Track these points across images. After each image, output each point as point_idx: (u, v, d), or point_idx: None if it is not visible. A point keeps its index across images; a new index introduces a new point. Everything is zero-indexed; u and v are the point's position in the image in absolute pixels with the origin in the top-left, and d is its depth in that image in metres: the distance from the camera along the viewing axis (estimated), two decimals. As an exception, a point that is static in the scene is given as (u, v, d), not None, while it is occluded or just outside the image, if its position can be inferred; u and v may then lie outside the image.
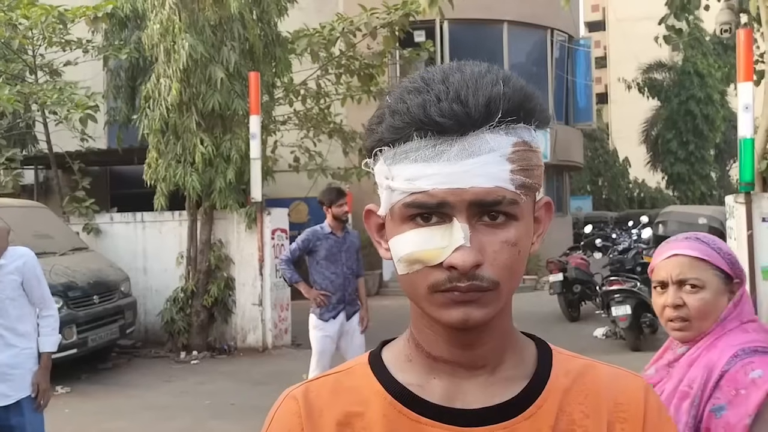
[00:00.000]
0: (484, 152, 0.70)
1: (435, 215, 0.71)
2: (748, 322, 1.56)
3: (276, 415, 0.81)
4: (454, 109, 0.69)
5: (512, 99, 0.71)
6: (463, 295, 0.71)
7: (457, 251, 0.69)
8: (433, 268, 0.71)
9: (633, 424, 0.77)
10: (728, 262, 1.57)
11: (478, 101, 0.69)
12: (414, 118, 0.70)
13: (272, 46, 8.98)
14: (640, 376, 0.82)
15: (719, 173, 28.67)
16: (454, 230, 0.70)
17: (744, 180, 6.85)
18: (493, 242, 0.71)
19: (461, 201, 0.70)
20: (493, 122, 0.70)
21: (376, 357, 0.82)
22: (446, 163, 0.70)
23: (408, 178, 0.72)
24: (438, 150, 0.70)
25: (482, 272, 0.70)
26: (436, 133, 0.70)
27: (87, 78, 10.77)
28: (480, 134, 0.70)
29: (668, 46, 12.92)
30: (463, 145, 0.70)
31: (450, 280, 0.70)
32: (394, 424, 0.75)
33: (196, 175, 8.39)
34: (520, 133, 0.73)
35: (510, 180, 0.71)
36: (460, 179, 0.70)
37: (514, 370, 0.79)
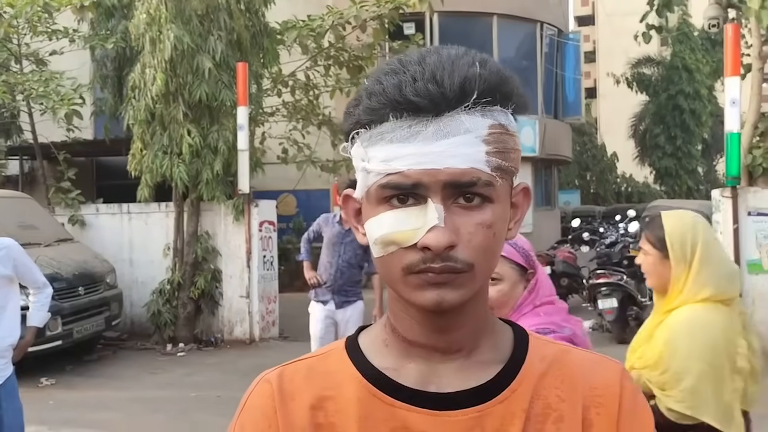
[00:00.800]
0: (459, 133, 0.70)
1: (410, 196, 0.71)
2: (542, 305, 1.77)
3: (249, 397, 0.81)
4: (429, 89, 0.69)
5: (488, 80, 0.71)
6: (437, 277, 0.70)
7: (431, 231, 0.69)
8: (407, 249, 0.71)
9: (608, 409, 0.77)
10: (523, 256, 1.78)
11: (454, 81, 0.69)
12: (390, 99, 0.70)
13: (260, 36, 8.92)
14: (617, 362, 0.82)
15: (706, 168, 28.88)
16: (429, 211, 0.70)
17: (730, 174, 6.89)
18: (468, 224, 0.71)
19: (436, 182, 0.70)
20: (469, 103, 0.70)
21: (353, 342, 0.82)
22: (421, 144, 0.70)
23: (383, 159, 0.72)
24: (413, 130, 0.70)
25: (456, 253, 0.70)
26: (411, 114, 0.70)
27: (73, 68, 10.66)
28: (455, 115, 0.70)
29: (657, 41, 12.95)
30: (439, 126, 0.70)
31: (424, 261, 0.70)
32: (368, 407, 0.75)
33: (183, 166, 8.33)
34: (497, 116, 0.73)
35: (485, 161, 0.71)
36: (435, 160, 0.70)
37: (490, 354, 0.78)
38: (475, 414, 0.74)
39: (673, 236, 2.02)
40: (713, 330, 1.92)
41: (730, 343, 1.95)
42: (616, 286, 8.23)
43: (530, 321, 1.70)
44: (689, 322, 1.93)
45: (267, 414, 0.78)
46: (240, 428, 0.79)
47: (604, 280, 8.35)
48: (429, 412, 0.74)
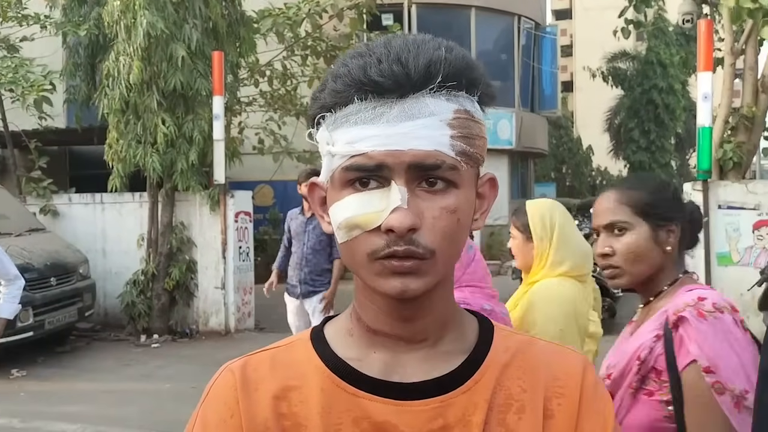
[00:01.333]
0: (424, 115, 0.70)
1: (374, 179, 0.71)
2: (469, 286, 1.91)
3: (212, 388, 0.80)
4: (393, 70, 0.69)
5: (454, 64, 0.71)
6: (401, 265, 0.70)
7: (393, 213, 0.69)
8: (371, 233, 0.70)
9: (569, 399, 0.77)
10: None
11: (419, 63, 0.69)
12: (354, 80, 0.70)
13: (236, 25, 8.84)
14: (580, 354, 0.83)
15: (679, 162, 29.27)
16: (392, 192, 0.69)
17: (702, 168, 7.00)
18: (432, 208, 0.71)
19: (400, 163, 0.70)
20: (434, 85, 0.70)
21: (318, 332, 0.82)
22: (385, 125, 0.70)
23: (348, 141, 0.71)
24: (378, 112, 0.70)
25: (419, 238, 0.70)
26: (376, 95, 0.70)
27: (45, 55, 10.45)
28: (420, 97, 0.70)
29: (633, 36, 13.07)
30: (403, 108, 0.70)
31: (388, 244, 0.70)
32: (332, 397, 0.75)
33: (157, 156, 8.24)
34: (462, 101, 0.73)
35: (450, 145, 0.71)
36: (399, 141, 0.69)
37: (455, 344, 0.78)
38: (437, 404, 0.74)
39: (534, 219, 2.26)
40: (567, 300, 2.15)
41: (582, 313, 2.18)
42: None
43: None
44: (547, 293, 2.15)
45: (229, 404, 0.77)
46: (202, 418, 0.79)
47: (578, 272, 8.44)
48: (392, 401, 0.74)
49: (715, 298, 1.43)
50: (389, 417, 0.74)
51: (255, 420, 0.76)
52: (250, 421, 0.76)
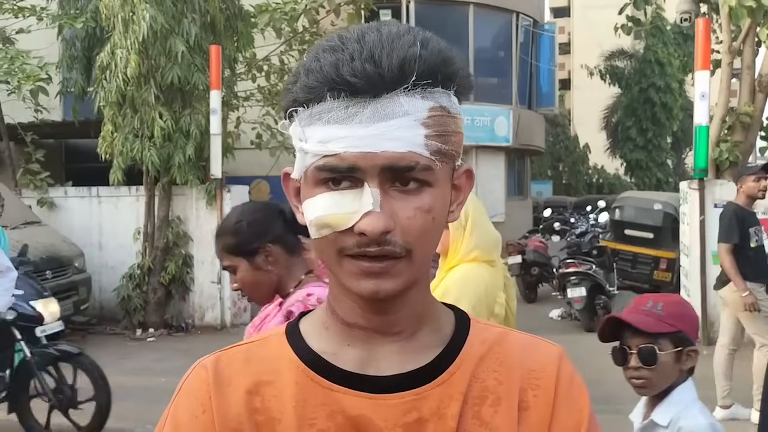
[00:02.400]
0: (397, 116, 0.68)
1: (346, 179, 0.70)
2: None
3: (184, 384, 0.79)
4: (366, 69, 0.67)
5: (428, 61, 0.69)
6: (373, 266, 0.69)
7: (366, 216, 0.68)
8: (342, 233, 0.70)
9: (545, 391, 0.77)
10: None
11: (392, 62, 0.67)
12: (327, 78, 0.68)
13: (234, 19, 8.82)
14: (556, 345, 0.82)
15: (675, 161, 29.32)
16: (364, 195, 0.68)
17: (698, 167, 7.02)
18: (406, 208, 0.70)
19: (373, 166, 0.68)
20: (408, 85, 0.68)
21: (293, 326, 0.81)
22: (358, 126, 0.68)
23: (320, 140, 0.70)
24: (350, 112, 0.68)
25: (394, 237, 0.69)
26: (349, 94, 0.68)
27: (41, 47, 10.41)
28: (394, 97, 0.68)
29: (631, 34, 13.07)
30: (376, 108, 0.68)
31: (359, 245, 0.69)
32: (306, 392, 0.75)
33: (154, 150, 8.22)
34: (438, 97, 0.71)
35: (424, 145, 0.69)
36: (371, 143, 0.68)
37: (430, 337, 0.78)
38: (412, 397, 0.74)
39: None
40: (479, 283, 2.34)
41: (491, 295, 2.38)
42: (585, 275, 8.36)
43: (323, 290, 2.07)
44: (462, 276, 2.32)
45: (201, 399, 0.76)
46: (173, 414, 0.78)
47: (573, 269, 8.47)
48: (366, 395, 0.73)
49: (321, 294, 1.65)
50: (364, 411, 0.73)
51: (227, 415, 0.75)
52: (222, 416, 0.75)
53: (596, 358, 6.20)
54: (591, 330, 8.13)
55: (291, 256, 1.86)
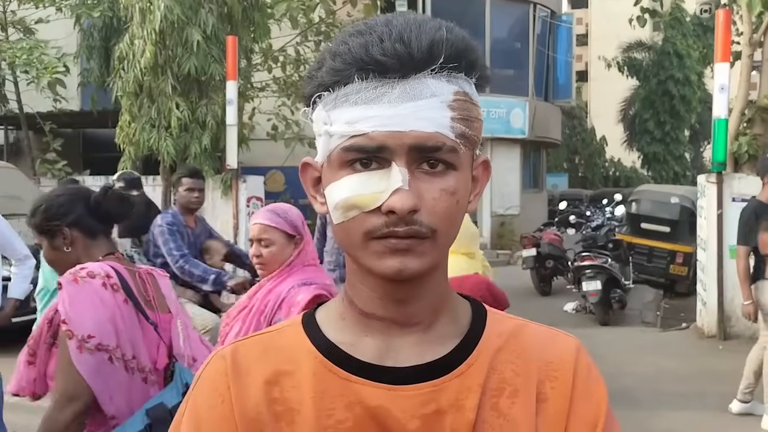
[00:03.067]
0: (425, 96, 0.69)
1: (374, 160, 0.70)
2: (309, 266, 2.36)
3: (203, 373, 0.79)
4: (396, 49, 0.68)
5: (455, 45, 0.70)
6: (399, 243, 0.69)
7: (395, 194, 0.68)
8: (369, 213, 0.69)
9: (563, 383, 0.77)
10: (291, 225, 2.35)
11: (421, 42, 0.68)
12: (355, 58, 0.69)
13: (251, 10, 8.83)
14: (573, 337, 0.82)
15: (693, 154, 29.01)
16: (393, 173, 0.69)
17: (716, 160, 6.93)
18: (432, 189, 0.70)
19: (401, 145, 0.69)
20: (435, 66, 0.69)
21: (310, 317, 0.81)
22: (387, 106, 0.69)
23: (348, 121, 0.70)
24: (379, 92, 0.69)
25: (420, 217, 0.69)
26: (377, 75, 0.69)
27: (60, 37, 10.50)
28: (422, 78, 0.69)
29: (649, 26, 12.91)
30: (405, 88, 0.69)
31: (387, 225, 0.69)
32: (324, 382, 0.75)
33: (170, 139, 8.27)
34: (461, 83, 0.72)
35: (450, 127, 0.70)
36: (400, 122, 0.69)
37: (448, 328, 0.78)
38: (430, 388, 0.74)
39: None
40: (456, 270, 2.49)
41: None
42: (600, 268, 8.31)
43: (298, 276, 2.29)
44: None
45: (219, 389, 0.76)
46: (192, 403, 0.78)
47: (588, 262, 8.42)
48: (384, 386, 0.73)
49: (94, 268, 1.81)
50: (382, 401, 0.73)
51: (246, 405, 0.75)
52: (241, 406, 0.75)
53: (611, 352, 6.20)
54: (606, 323, 8.09)
55: (90, 239, 1.96)
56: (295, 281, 2.27)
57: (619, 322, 8.36)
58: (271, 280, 2.32)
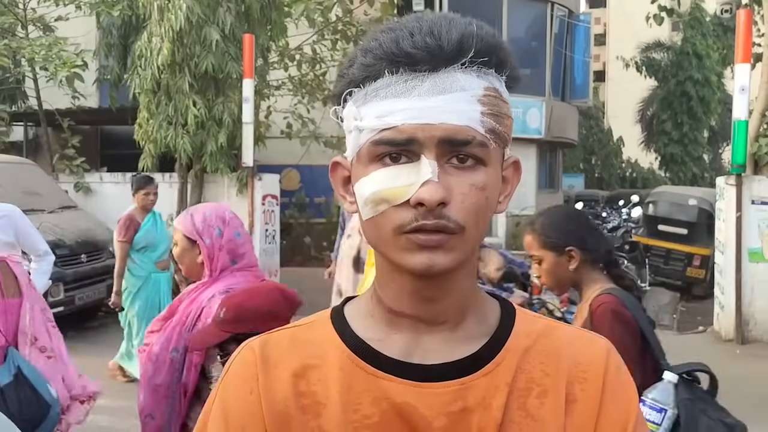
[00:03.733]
0: (455, 90, 0.69)
1: (403, 154, 0.70)
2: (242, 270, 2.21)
3: (232, 364, 0.80)
4: (427, 42, 0.69)
5: (485, 40, 0.71)
6: (429, 238, 0.69)
7: (424, 186, 0.68)
8: (399, 207, 0.70)
9: (593, 384, 0.76)
10: (190, 229, 2.20)
11: (452, 36, 0.69)
12: (386, 52, 0.70)
13: (268, 9, 8.85)
14: (603, 338, 0.81)
15: (712, 156, 28.71)
16: (422, 166, 0.69)
17: (736, 162, 6.86)
18: (461, 184, 0.70)
19: (431, 137, 0.69)
20: (465, 60, 0.69)
21: (338, 312, 0.81)
22: (417, 98, 0.69)
23: (378, 114, 0.70)
24: (409, 85, 0.69)
25: (449, 212, 0.69)
26: (408, 69, 0.69)
27: (79, 35, 10.59)
28: (452, 72, 0.70)
29: (668, 26, 12.81)
30: (435, 81, 0.69)
31: (416, 218, 0.69)
32: (351, 377, 0.75)
33: (187, 137, 8.32)
34: (491, 80, 0.72)
35: (480, 122, 0.70)
36: (430, 115, 0.69)
37: (476, 327, 0.78)
38: (457, 386, 0.74)
39: None
40: None
41: None
42: (616, 270, 8.23)
43: (224, 283, 2.17)
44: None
45: (249, 381, 0.77)
46: (222, 394, 0.79)
47: (604, 264, 8.36)
48: (412, 383, 0.74)
49: None
50: (409, 398, 0.73)
51: (274, 398, 0.76)
52: (269, 398, 0.76)
53: (626, 355, 6.16)
54: (621, 326, 8.03)
55: None
56: (218, 289, 2.15)
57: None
58: (194, 290, 2.22)
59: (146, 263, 5.64)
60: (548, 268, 2.12)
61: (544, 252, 2.12)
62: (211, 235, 2.20)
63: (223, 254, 2.21)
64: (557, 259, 2.10)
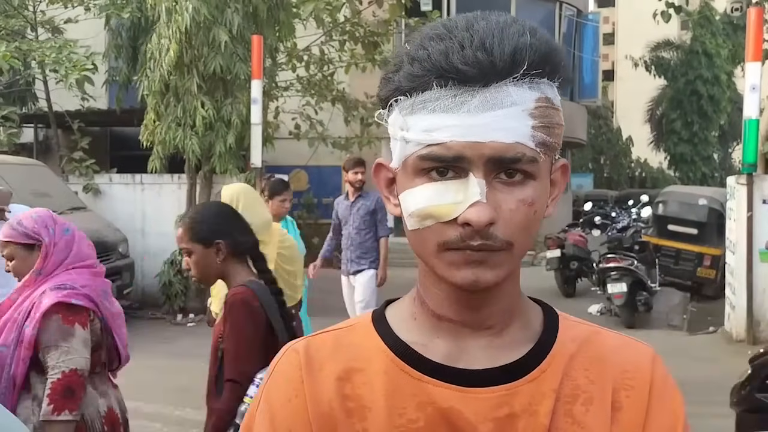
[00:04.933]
0: (506, 105, 0.67)
1: (451, 169, 0.69)
2: (76, 268, 2.32)
3: (277, 366, 0.80)
4: (478, 57, 0.66)
5: (539, 51, 0.68)
6: (474, 255, 0.68)
7: (472, 207, 0.67)
8: (445, 224, 0.69)
9: (639, 392, 0.76)
10: (23, 235, 2.30)
11: (504, 50, 0.66)
12: (435, 66, 0.67)
13: (276, 9, 8.86)
14: (648, 345, 0.81)
15: (722, 155, 28.54)
16: (470, 185, 0.67)
17: (747, 161, 6.81)
18: (509, 201, 0.69)
19: (479, 156, 0.67)
20: (518, 74, 0.67)
21: (380, 315, 0.81)
22: (466, 115, 0.67)
23: (425, 129, 0.69)
24: (458, 101, 0.67)
25: (496, 231, 0.68)
26: (457, 83, 0.67)
27: (88, 37, 10.64)
28: (503, 86, 0.67)
29: (678, 24, 12.73)
30: (485, 97, 0.67)
31: (462, 238, 0.68)
32: (396, 381, 0.75)
33: (196, 138, 8.34)
34: (544, 89, 0.70)
35: (531, 137, 0.68)
36: (479, 132, 0.67)
37: (520, 332, 0.77)
38: (503, 392, 0.73)
39: (224, 198, 3.34)
40: None
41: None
42: (626, 270, 8.21)
43: (61, 278, 2.25)
44: None
45: (294, 383, 0.77)
46: (267, 396, 0.79)
47: (614, 264, 8.33)
48: (457, 388, 0.73)
49: None
50: (454, 403, 0.73)
51: (320, 401, 0.76)
52: (314, 401, 0.76)
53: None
54: (631, 326, 7.99)
55: None
56: (50, 285, 2.24)
57: (644, 325, 8.25)
58: (26, 287, 2.29)
59: None
60: (197, 260, 2.30)
61: (193, 245, 2.30)
62: (48, 233, 2.32)
63: (58, 250, 2.32)
64: (205, 251, 2.29)
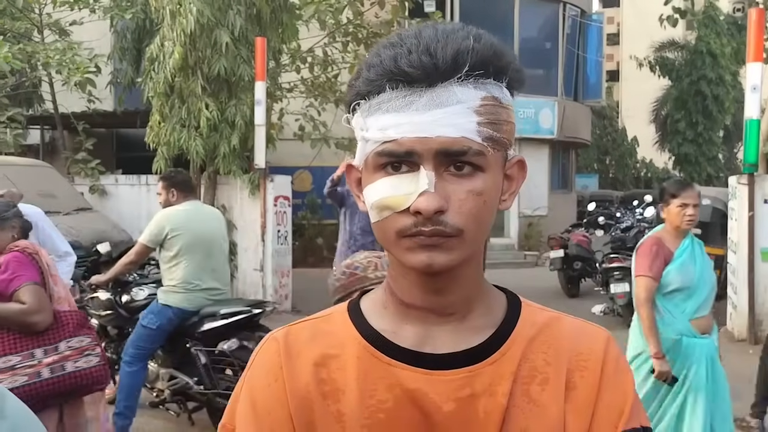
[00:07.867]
0: (451, 103, 0.74)
1: (404, 164, 0.75)
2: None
3: (258, 354, 0.86)
4: (423, 61, 0.73)
5: (481, 53, 0.74)
6: (427, 239, 0.74)
7: (421, 196, 0.73)
8: (400, 213, 0.75)
9: (592, 372, 0.82)
10: None
11: (447, 54, 0.73)
12: (386, 70, 0.74)
13: (279, 11, 8.90)
14: (603, 329, 0.87)
15: (727, 155, 28.43)
16: (420, 177, 0.74)
17: (748, 161, 6.82)
18: (458, 191, 0.75)
19: (428, 149, 0.74)
20: (461, 75, 0.73)
21: (355, 305, 0.87)
22: (415, 113, 0.74)
23: (380, 128, 0.76)
24: (408, 101, 0.74)
25: (446, 218, 0.74)
26: (406, 85, 0.74)
27: (93, 39, 10.72)
28: (448, 86, 0.74)
29: (682, 25, 12.72)
30: (432, 96, 0.74)
31: (416, 224, 0.74)
32: (367, 366, 0.81)
33: (200, 139, 8.39)
34: (490, 88, 0.76)
35: (477, 132, 0.75)
36: (427, 128, 0.73)
37: (483, 318, 0.83)
38: (466, 374, 0.79)
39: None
40: None
41: None
42: (629, 270, 8.18)
43: None
44: None
45: (273, 369, 0.83)
46: (249, 381, 0.85)
47: (617, 264, 8.33)
48: (423, 371, 0.79)
49: None
50: (421, 385, 0.79)
51: (297, 385, 0.82)
52: (292, 385, 0.82)
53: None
54: (633, 326, 7.99)
55: None
56: None
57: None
58: None
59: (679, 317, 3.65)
60: None
61: None
62: None
63: None
64: None
